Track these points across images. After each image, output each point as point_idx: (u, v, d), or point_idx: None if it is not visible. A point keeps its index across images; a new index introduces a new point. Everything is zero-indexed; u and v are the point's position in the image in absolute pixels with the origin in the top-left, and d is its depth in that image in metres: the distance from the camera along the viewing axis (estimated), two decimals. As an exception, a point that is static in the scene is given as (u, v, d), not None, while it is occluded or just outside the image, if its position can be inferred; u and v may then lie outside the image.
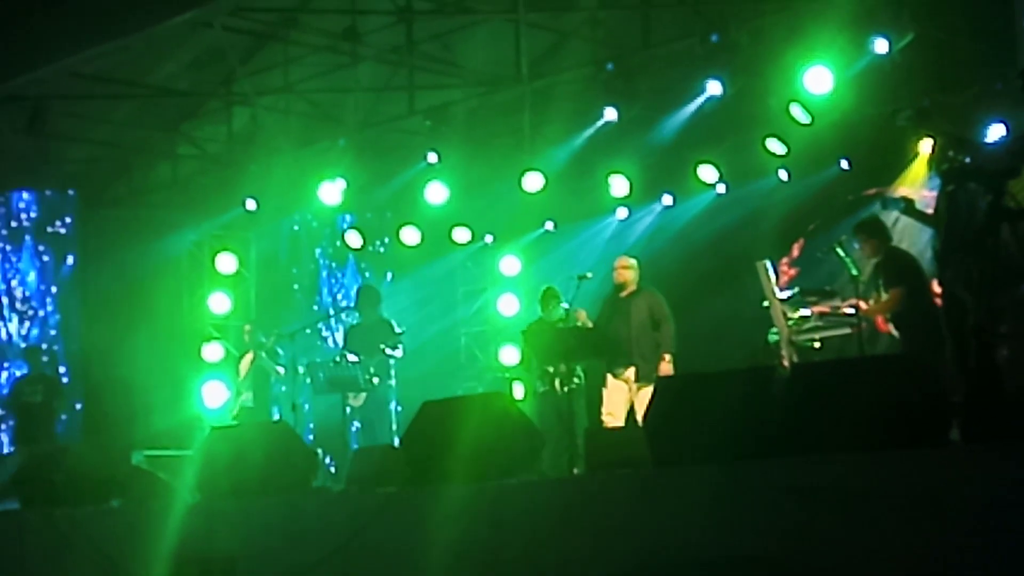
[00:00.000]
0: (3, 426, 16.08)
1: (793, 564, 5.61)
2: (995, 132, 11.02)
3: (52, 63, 12.80)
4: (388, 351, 13.80)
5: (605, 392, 12.31)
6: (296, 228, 17.71)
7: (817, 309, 11.03)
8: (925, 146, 11.26)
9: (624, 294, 12.49)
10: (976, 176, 7.89)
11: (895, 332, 10.47)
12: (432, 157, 14.50)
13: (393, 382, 14.05)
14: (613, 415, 12.12)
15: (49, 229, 16.81)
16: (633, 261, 12.71)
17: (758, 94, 13.24)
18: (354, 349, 14.05)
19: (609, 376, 12.29)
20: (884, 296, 10.40)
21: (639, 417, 11.85)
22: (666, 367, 11.96)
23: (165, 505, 8.94)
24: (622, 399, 12.20)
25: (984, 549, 5.20)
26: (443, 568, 6.80)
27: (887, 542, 5.42)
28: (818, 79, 12.07)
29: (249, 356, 15.36)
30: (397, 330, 14.09)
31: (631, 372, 12.17)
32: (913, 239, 12.91)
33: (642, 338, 12.19)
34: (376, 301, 14.54)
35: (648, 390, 11.85)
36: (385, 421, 13.86)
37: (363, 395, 13.82)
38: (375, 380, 13.71)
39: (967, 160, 8.09)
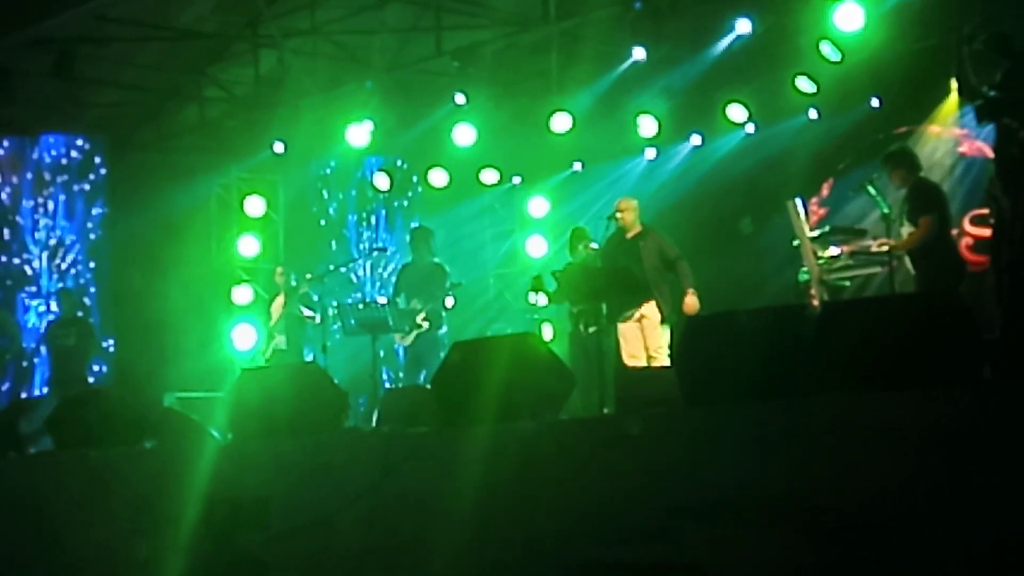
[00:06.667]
0: (35, 368, 16.19)
1: (824, 502, 5.60)
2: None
3: (78, 6, 12.78)
4: (442, 298, 13.90)
5: (621, 336, 12.22)
6: (324, 171, 17.71)
7: (847, 248, 10.95)
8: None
9: (630, 235, 12.36)
10: (1010, 111, 7.80)
11: (910, 267, 10.32)
12: (460, 98, 14.46)
13: (445, 328, 14.13)
14: (636, 357, 12.08)
15: (78, 173, 16.84)
16: (634, 202, 12.53)
17: (788, 32, 13.16)
18: (405, 290, 14.09)
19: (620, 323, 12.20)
20: (907, 226, 10.27)
21: (649, 352, 11.92)
22: (692, 299, 11.89)
23: (197, 446, 8.99)
24: (639, 340, 12.15)
25: (1013, 486, 5.18)
26: (473, 508, 6.81)
27: (918, 480, 5.41)
28: (849, 16, 11.98)
29: (280, 298, 15.40)
30: (448, 274, 14.16)
31: (647, 309, 12.06)
32: (943, 175, 12.88)
33: (657, 279, 12.09)
34: (430, 242, 14.51)
35: (664, 330, 11.88)
36: (435, 366, 13.91)
37: (413, 335, 13.87)
38: (425, 324, 13.76)
39: (996, 94, 7.99)
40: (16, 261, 16.33)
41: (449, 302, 14.11)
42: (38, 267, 16.45)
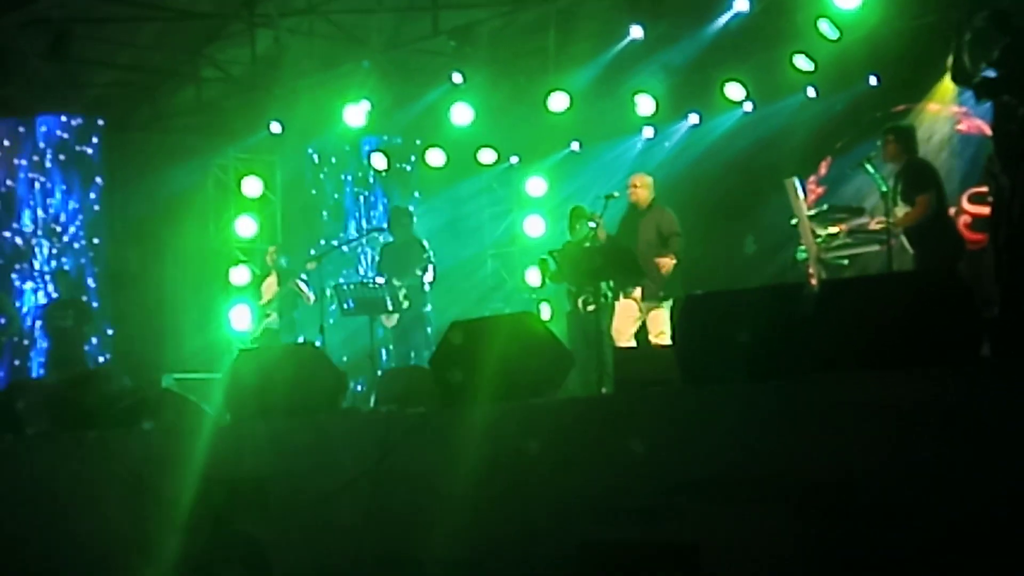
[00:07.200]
0: (33, 349, 16.18)
1: (822, 480, 5.60)
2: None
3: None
4: (419, 273, 13.85)
5: (616, 310, 12.20)
6: (322, 150, 17.67)
7: (845, 226, 10.93)
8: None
9: (637, 211, 12.37)
10: (1009, 88, 7.78)
11: (907, 245, 10.28)
12: (457, 78, 14.41)
13: (428, 304, 14.11)
14: (620, 333, 12.04)
15: (76, 154, 16.80)
16: (648, 179, 12.49)
17: (786, 9, 13.12)
18: (386, 270, 14.11)
19: (622, 296, 12.16)
20: (901, 206, 10.24)
21: (651, 337, 11.88)
22: (665, 260, 11.83)
23: (194, 427, 8.99)
24: (631, 318, 12.11)
25: (1011, 464, 5.18)
26: (472, 488, 6.82)
27: (915, 458, 5.41)
28: (847, -7, 11.95)
29: (272, 278, 15.39)
30: (426, 250, 14.12)
31: (639, 291, 12.04)
32: (941, 153, 12.85)
33: (648, 256, 11.90)
34: (408, 221, 14.57)
35: (658, 310, 11.85)
36: (422, 343, 13.92)
37: (396, 316, 13.87)
38: (405, 303, 13.74)
39: (995, 72, 7.97)
40: (7, 234, 16.28)
41: (429, 276, 14.04)
42: (29, 232, 16.35)
